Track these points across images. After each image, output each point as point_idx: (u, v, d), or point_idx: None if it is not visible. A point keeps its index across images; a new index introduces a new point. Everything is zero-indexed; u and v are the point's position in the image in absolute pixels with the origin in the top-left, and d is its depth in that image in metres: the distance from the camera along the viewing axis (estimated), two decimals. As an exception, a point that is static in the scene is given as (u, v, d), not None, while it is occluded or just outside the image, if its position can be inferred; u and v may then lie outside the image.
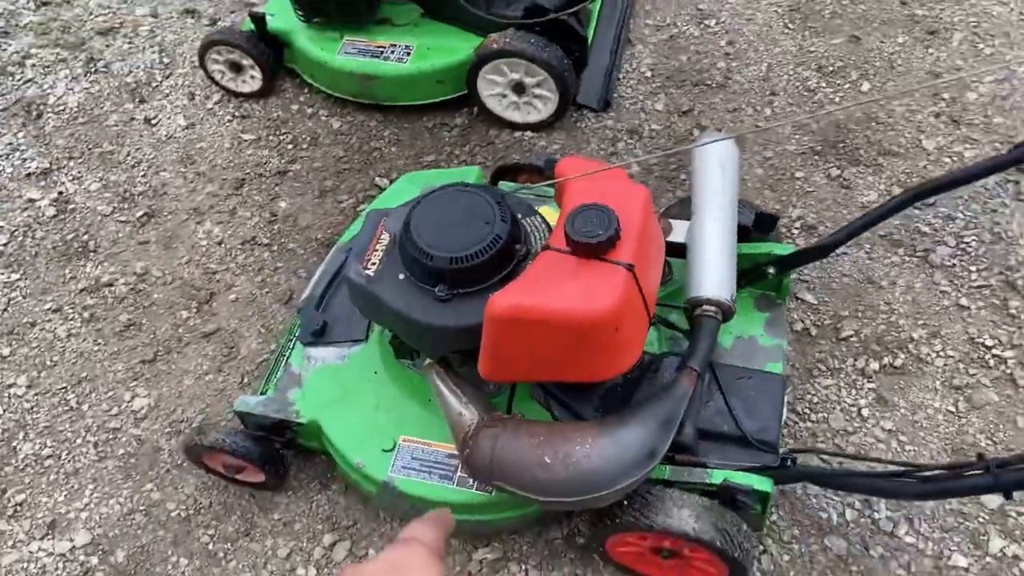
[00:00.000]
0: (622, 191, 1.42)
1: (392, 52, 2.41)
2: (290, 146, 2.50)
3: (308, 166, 2.45)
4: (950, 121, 2.39)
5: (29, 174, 2.48)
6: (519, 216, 1.54)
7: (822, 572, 1.65)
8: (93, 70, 2.77)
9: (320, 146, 2.49)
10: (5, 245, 2.32)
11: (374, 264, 1.54)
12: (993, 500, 1.71)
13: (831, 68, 2.56)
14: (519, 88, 2.34)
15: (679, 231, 1.72)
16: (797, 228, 2.18)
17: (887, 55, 2.59)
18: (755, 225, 1.78)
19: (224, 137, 2.54)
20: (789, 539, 1.69)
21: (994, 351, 1.92)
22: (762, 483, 1.43)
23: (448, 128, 2.50)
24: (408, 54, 2.41)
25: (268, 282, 2.19)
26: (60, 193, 2.42)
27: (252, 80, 2.58)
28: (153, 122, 2.60)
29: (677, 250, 1.69)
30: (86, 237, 2.32)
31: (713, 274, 1.56)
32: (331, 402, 1.72)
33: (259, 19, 2.48)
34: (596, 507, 1.39)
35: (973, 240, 2.11)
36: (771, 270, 1.76)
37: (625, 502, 1.46)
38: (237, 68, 2.56)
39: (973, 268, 2.07)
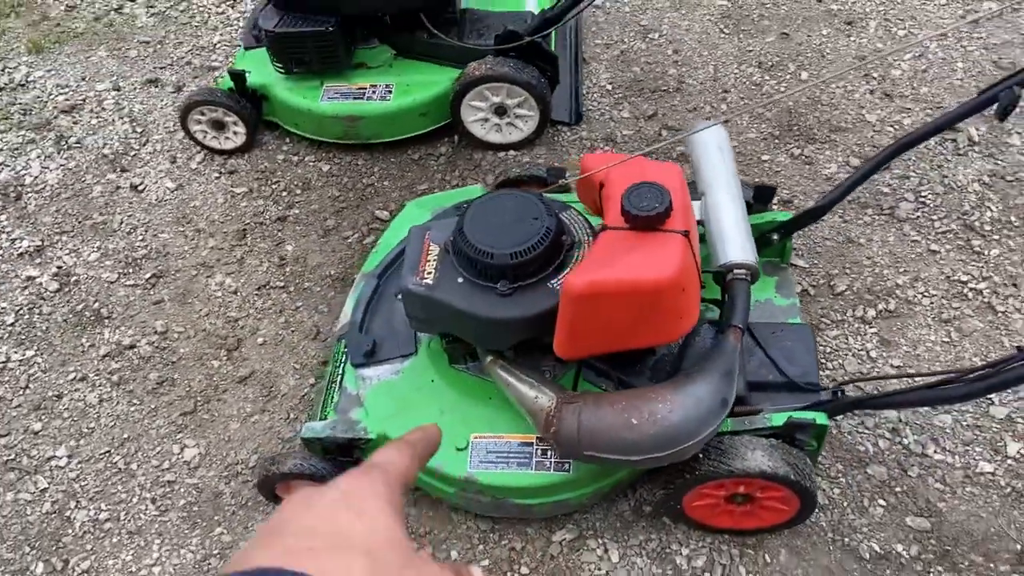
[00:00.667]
0: (660, 169, 1.57)
1: (374, 92, 2.53)
2: (284, 193, 2.57)
3: (306, 209, 2.52)
4: (884, 96, 2.67)
5: (22, 254, 2.47)
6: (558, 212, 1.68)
7: (871, 497, 1.81)
8: (65, 147, 2.78)
9: (314, 189, 2.57)
10: (13, 324, 2.30)
11: (430, 273, 1.64)
12: (1001, 411, 1.91)
13: (770, 63, 2.82)
14: (501, 111, 2.49)
15: (693, 209, 1.88)
16: (775, 204, 2.39)
17: (816, 46, 2.87)
18: (755, 197, 1.96)
19: (215, 193, 2.59)
20: (836, 474, 1.85)
21: (970, 285, 2.15)
22: (821, 417, 1.59)
23: (435, 157, 2.63)
24: (390, 92, 2.53)
25: (292, 322, 2.25)
26: (59, 267, 2.42)
27: (235, 136, 2.64)
28: (140, 188, 2.63)
29: (695, 227, 1.85)
30: (96, 305, 2.32)
31: (737, 240, 1.73)
32: (395, 414, 1.79)
33: (238, 76, 2.56)
34: (682, 459, 1.51)
35: (929, 193, 2.37)
36: (775, 236, 1.95)
37: (701, 455, 1.59)
38: (220, 126, 2.62)
39: (935, 217, 2.31)
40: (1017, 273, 2.17)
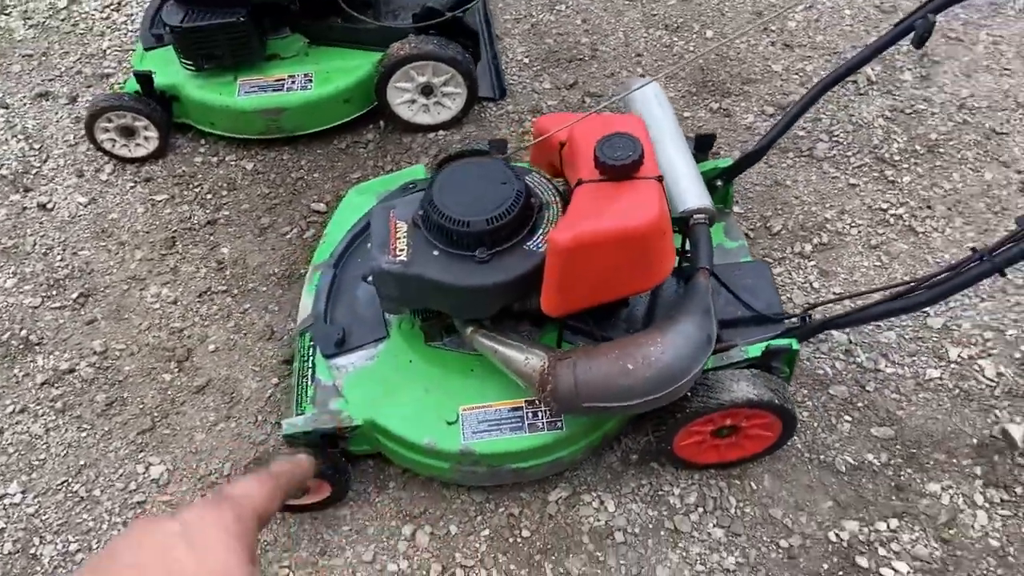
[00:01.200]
0: (623, 121, 1.61)
1: (293, 83, 2.46)
2: (209, 196, 2.47)
3: (236, 210, 2.43)
4: (784, 46, 2.82)
5: (-75, 289, 2.27)
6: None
7: (837, 415, 1.92)
8: (-45, 172, 2.57)
9: (241, 189, 2.48)
10: (-70, 365, 2.11)
11: (402, 251, 1.62)
12: (937, 321, 2.07)
13: (676, 25, 2.92)
14: (427, 90, 2.48)
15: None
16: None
17: (715, 5, 2.99)
18: (697, 147, 2.04)
19: (134, 204, 2.46)
20: (802, 399, 1.95)
21: (890, 212, 2.31)
22: (794, 343, 1.67)
23: (362, 145, 2.58)
24: (310, 81, 2.47)
25: (242, 325, 2.17)
26: (-28, 298, 2.24)
27: (147, 141, 2.51)
28: (49, 207, 2.46)
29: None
30: (24, 332, 2.17)
31: (693, 187, 1.79)
32: (378, 398, 1.77)
33: (145, 77, 2.43)
34: (677, 397, 1.56)
35: (841, 132, 2.52)
36: (719, 183, 2.03)
37: (690, 393, 1.64)
38: (129, 132, 2.49)
39: (849, 153, 2.46)
40: (929, 195, 2.34)
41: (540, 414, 1.72)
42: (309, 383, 1.83)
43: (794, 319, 1.76)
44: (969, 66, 2.69)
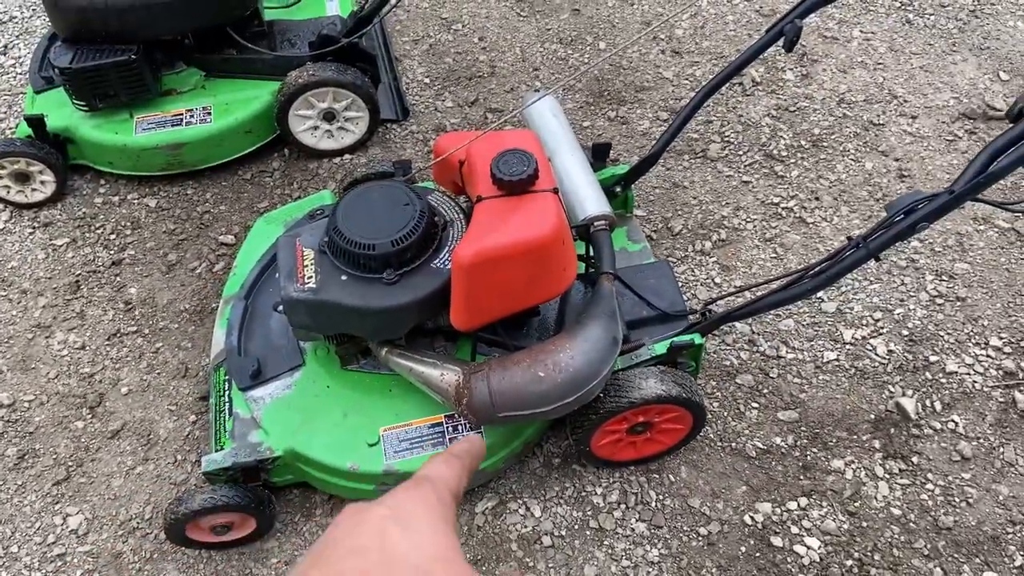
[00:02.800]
0: (516, 137, 1.66)
1: (192, 116, 2.44)
2: (112, 236, 2.42)
3: (141, 248, 2.39)
4: (674, 53, 2.94)
5: None
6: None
7: (745, 403, 2.01)
8: None
9: (145, 227, 2.44)
10: None
11: (311, 278, 1.64)
12: (831, 306, 2.19)
13: (569, 39, 3.01)
14: (329, 116, 2.49)
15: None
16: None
17: (605, 17, 3.09)
18: (594, 155, 2.11)
19: (33, 250, 2.39)
20: (712, 390, 2.04)
21: (781, 205, 2.44)
22: (697, 337, 1.75)
23: (268, 174, 2.58)
24: (209, 114, 2.45)
25: (155, 364, 2.13)
26: None
27: (43, 186, 2.45)
28: (-59, 259, 2.38)
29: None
30: (-78, 392, 2.09)
31: (591, 195, 1.86)
32: (298, 427, 1.77)
33: (37, 121, 2.37)
34: (589, 400, 1.62)
35: (731, 132, 2.64)
36: (618, 189, 2.11)
37: (603, 394, 1.70)
38: (24, 178, 2.42)
39: (740, 152, 2.59)
40: (816, 187, 2.48)
41: (460, 427, 1.76)
42: (227, 417, 1.82)
43: (695, 315, 1.84)
44: (845, 62, 2.86)
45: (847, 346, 2.11)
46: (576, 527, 1.83)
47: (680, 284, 2.21)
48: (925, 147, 2.59)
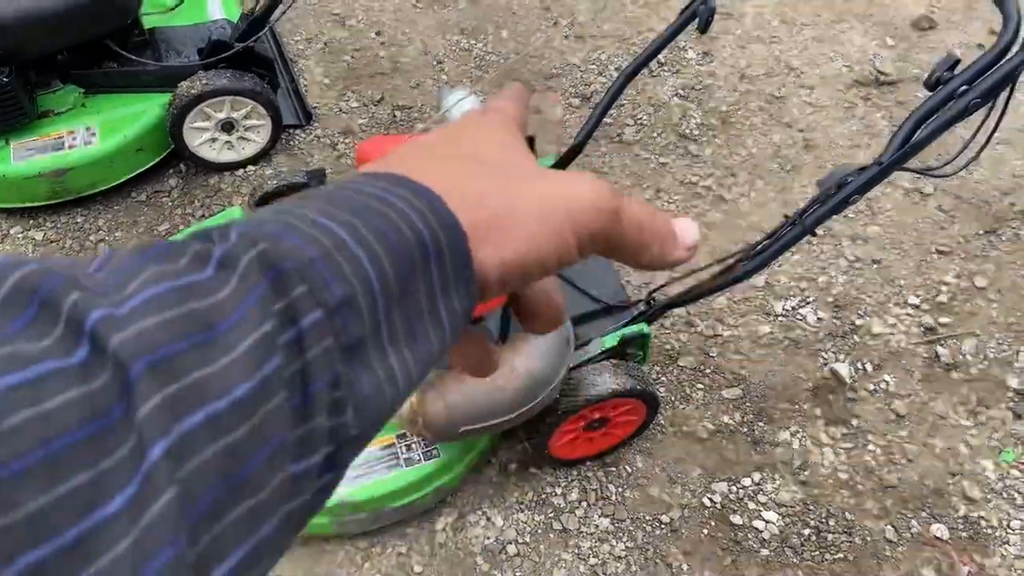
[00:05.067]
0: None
1: (75, 138, 2.24)
2: (-3, 276, 2.20)
3: (33, 286, 2.18)
4: (577, 38, 2.91)
5: None
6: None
7: (690, 385, 2.03)
8: None
9: (34, 262, 2.23)
10: None
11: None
12: (760, 279, 2.23)
13: (471, 28, 2.94)
14: (228, 126, 2.34)
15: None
16: (521, 156, 2.52)
17: (503, 5, 3.04)
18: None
19: (-95, 299, 2.15)
20: (657, 376, 2.04)
21: (700, 184, 2.46)
22: (644, 327, 1.74)
23: (165, 193, 2.40)
24: (94, 135, 2.26)
25: (65, 412, 1.96)
26: None
27: (-92, 226, 2.20)
28: None
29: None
30: None
31: (523, 193, 1.81)
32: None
33: None
34: (550, 402, 1.58)
35: (644, 115, 2.64)
36: (544, 182, 2.07)
37: (559, 395, 1.67)
38: None
39: (655, 134, 2.59)
40: (731, 164, 2.51)
41: (414, 446, 1.69)
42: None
43: (640, 304, 1.83)
44: (742, 38, 2.91)
45: (779, 318, 2.15)
46: (540, 531, 1.80)
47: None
48: (825, 116, 2.67)
